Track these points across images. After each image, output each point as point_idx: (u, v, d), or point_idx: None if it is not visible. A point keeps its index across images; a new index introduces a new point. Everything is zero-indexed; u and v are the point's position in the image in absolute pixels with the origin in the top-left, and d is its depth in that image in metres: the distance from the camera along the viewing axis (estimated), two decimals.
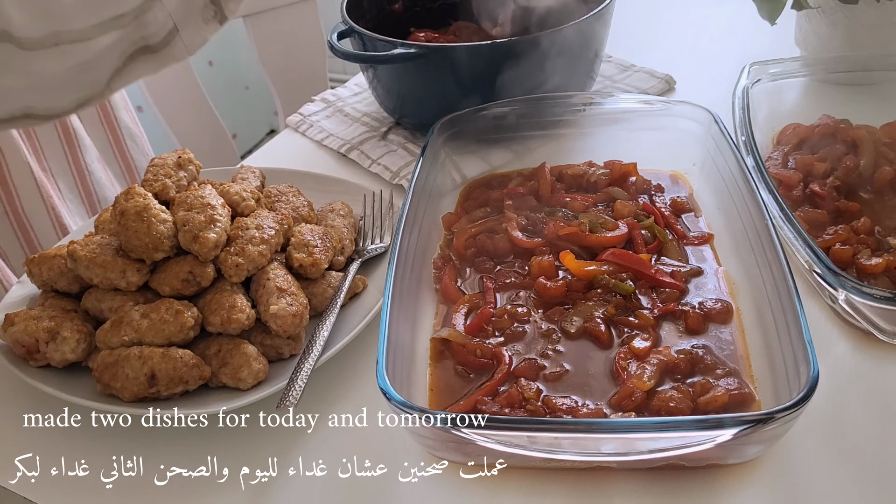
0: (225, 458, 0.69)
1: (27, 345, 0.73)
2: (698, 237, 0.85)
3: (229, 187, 0.84)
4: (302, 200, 0.90)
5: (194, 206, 0.77)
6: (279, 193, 0.90)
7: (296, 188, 0.92)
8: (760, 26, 1.05)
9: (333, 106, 1.20)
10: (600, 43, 1.05)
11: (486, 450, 0.60)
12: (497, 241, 0.84)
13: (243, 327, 0.73)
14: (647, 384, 0.66)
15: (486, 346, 0.72)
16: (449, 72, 0.99)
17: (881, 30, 1.06)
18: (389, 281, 0.70)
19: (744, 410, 0.65)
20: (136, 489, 0.68)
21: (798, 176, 0.90)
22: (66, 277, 0.79)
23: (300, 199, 0.90)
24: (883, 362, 0.73)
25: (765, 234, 0.73)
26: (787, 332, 0.65)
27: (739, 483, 0.64)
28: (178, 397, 0.71)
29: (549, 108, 0.97)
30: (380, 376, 0.61)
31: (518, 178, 0.94)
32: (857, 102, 1.01)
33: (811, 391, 0.57)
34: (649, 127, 0.96)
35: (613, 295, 0.77)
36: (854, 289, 0.70)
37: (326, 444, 0.70)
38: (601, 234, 0.82)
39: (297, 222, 0.86)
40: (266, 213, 0.81)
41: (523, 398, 0.67)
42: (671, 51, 1.22)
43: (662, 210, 0.88)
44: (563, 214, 0.87)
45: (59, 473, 0.69)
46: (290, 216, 0.84)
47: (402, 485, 0.67)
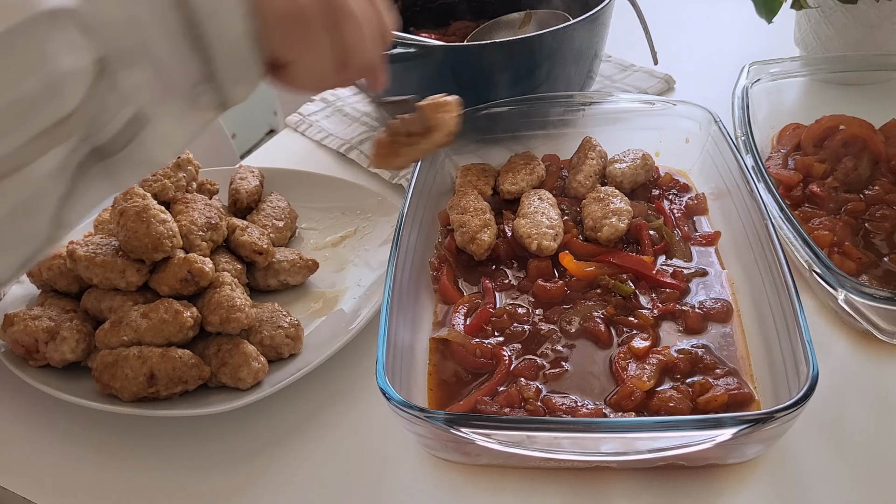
0: (224, 457, 0.69)
1: (26, 345, 0.73)
2: (704, 237, 0.85)
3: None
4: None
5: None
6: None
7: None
8: (760, 26, 1.05)
9: (333, 105, 1.20)
10: (600, 43, 1.05)
11: (486, 449, 0.60)
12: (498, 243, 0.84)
13: (242, 327, 0.73)
14: (646, 384, 0.66)
15: (485, 346, 0.72)
16: (449, 71, 0.99)
17: (880, 29, 1.06)
18: (389, 281, 0.70)
19: (743, 410, 0.65)
20: (136, 489, 0.68)
21: (798, 176, 0.90)
22: (65, 277, 0.79)
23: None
24: (882, 362, 0.73)
25: (764, 235, 0.73)
26: (787, 332, 0.65)
27: (739, 483, 0.64)
28: (177, 397, 0.71)
29: (549, 108, 0.97)
30: (379, 376, 0.61)
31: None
32: (857, 102, 1.01)
33: (811, 391, 0.57)
34: (649, 127, 0.96)
35: (613, 295, 0.77)
36: (854, 288, 0.70)
37: (326, 443, 0.70)
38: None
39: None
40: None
41: (523, 398, 0.67)
42: (671, 50, 1.21)
43: (674, 210, 0.88)
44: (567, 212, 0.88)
45: (59, 473, 0.69)
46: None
47: (401, 485, 0.67)
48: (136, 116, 0.43)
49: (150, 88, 0.43)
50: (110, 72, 0.41)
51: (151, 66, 0.43)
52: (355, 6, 0.50)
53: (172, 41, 0.43)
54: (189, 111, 0.46)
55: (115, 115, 0.43)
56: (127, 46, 0.42)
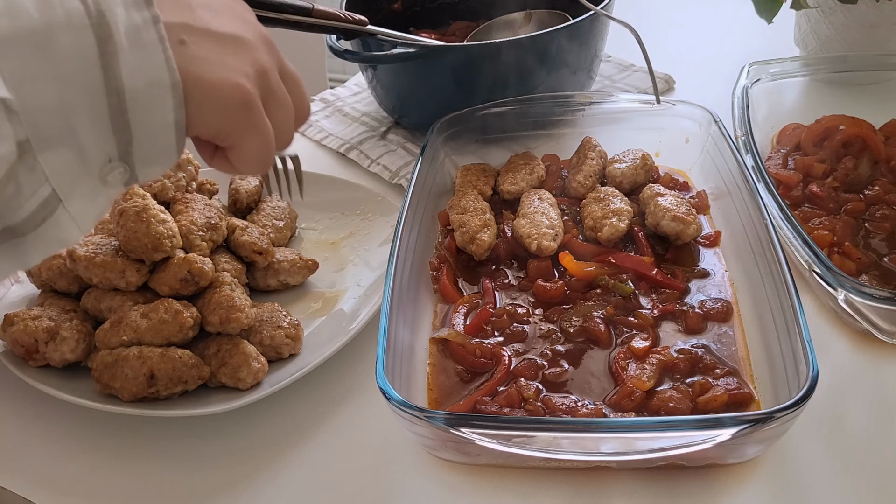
0: (224, 457, 0.69)
1: (26, 345, 0.73)
2: (705, 237, 0.84)
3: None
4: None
5: None
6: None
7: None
8: (759, 26, 1.05)
9: (333, 106, 1.20)
10: (600, 43, 1.05)
11: (486, 449, 0.60)
12: (498, 243, 0.84)
13: (242, 327, 0.73)
14: (646, 384, 0.66)
15: (485, 346, 0.72)
16: (448, 71, 0.99)
17: (880, 29, 1.06)
18: (389, 281, 0.70)
19: (743, 410, 0.65)
20: (136, 489, 0.68)
21: (798, 176, 0.90)
22: (65, 277, 0.79)
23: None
24: (882, 362, 0.73)
25: (764, 234, 0.73)
26: (787, 332, 0.65)
27: (739, 483, 0.64)
28: (177, 397, 0.71)
29: (549, 108, 0.97)
30: (379, 376, 0.61)
31: None
32: (857, 102, 1.01)
33: (811, 391, 0.57)
34: (648, 127, 0.96)
35: (613, 295, 0.77)
36: (853, 288, 0.70)
37: (326, 443, 0.70)
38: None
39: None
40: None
41: (522, 398, 0.67)
42: (670, 51, 1.22)
43: None
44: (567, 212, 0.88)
45: (59, 473, 0.69)
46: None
47: (401, 485, 0.67)
48: (50, 196, 0.42)
49: (68, 170, 0.43)
50: (32, 154, 0.40)
51: (74, 148, 0.42)
52: (285, 92, 0.53)
53: (99, 125, 0.43)
54: (99, 188, 0.45)
55: (31, 196, 0.42)
56: (53, 131, 0.41)
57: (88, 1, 0.41)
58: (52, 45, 0.40)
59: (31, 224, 0.43)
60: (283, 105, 0.53)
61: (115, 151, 0.44)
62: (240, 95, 0.48)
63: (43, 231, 0.43)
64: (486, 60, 0.97)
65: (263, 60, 0.50)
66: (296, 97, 0.55)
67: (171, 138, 0.46)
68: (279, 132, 0.53)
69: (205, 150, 0.52)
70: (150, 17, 0.43)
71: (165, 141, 0.46)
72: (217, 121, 0.48)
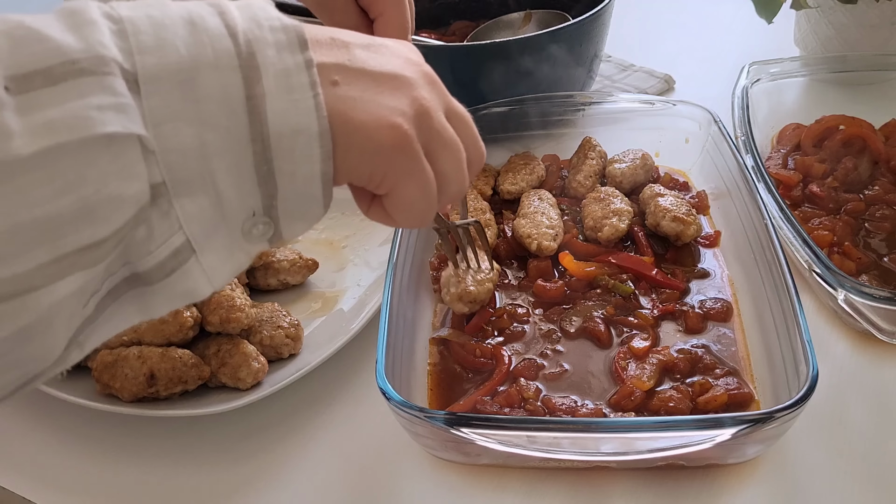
0: (224, 457, 0.69)
1: None
2: (706, 238, 0.85)
3: None
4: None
5: None
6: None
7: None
8: (759, 26, 1.05)
9: None
10: (600, 43, 1.05)
11: (486, 449, 0.60)
12: (498, 243, 0.84)
13: (242, 326, 0.73)
14: (646, 384, 0.66)
15: (485, 346, 0.72)
16: (448, 72, 0.99)
17: (880, 29, 1.06)
18: (389, 281, 0.70)
19: (743, 410, 0.65)
20: (136, 489, 0.68)
21: (798, 176, 0.90)
22: None
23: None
24: (882, 362, 0.73)
25: (764, 234, 0.73)
26: (787, 332, 0.65)
27: (739, 483, 0.64)
28: (177, 397, 0.71)
29: (549, 108, 0.97)
30: (379, 376, 0.61)
31: None
32: (857, 102, 1.01)
33: (811, 391, 0.57)
34: (648, 127, 0.96)
35: (613, 295, 0.77)
36: (853, 288, 0.70)
37: (326, 443, 0.70)
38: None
39: None
40: None
41: (522, 398, 0.67)
42: (670, 50, 1.22)
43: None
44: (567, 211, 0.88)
45: (59, 473, 0.69)
46: None
47: (401, 485, 0.67)
48: (183, 246, 0.39)
49: (204, 218, 0.39)
50: (167, 199, 0.38)
51: (212, 195, 0.39)
52: (452, 134, 0.47)
53: (240, 174, 0.39)
54: (239, 243, 0.41)
55: (163, 244, 0.38)
56: (190, 175, 0.38)
57: (241, 41, 0.38)
58: (197, 85, 0.37)
59: (160, 273, 0.39)
60: (451, 148, 0.47)
61: (260, 205, 0.41)
62: (393, 136, 0.42)
63: (171, 282, 0.40)
64: (486, 60, 0.97)
65: (424, 99, 0.44)
66: (467, 139, 0.49)
67: (317, 191, 0.42)
68: (446, 179, 0.47)
69: (362, 199, 0.48)
70: (303, 62, 0.39)
71: (311, 194, 0.42)
72: (367, 165, 0.43)
